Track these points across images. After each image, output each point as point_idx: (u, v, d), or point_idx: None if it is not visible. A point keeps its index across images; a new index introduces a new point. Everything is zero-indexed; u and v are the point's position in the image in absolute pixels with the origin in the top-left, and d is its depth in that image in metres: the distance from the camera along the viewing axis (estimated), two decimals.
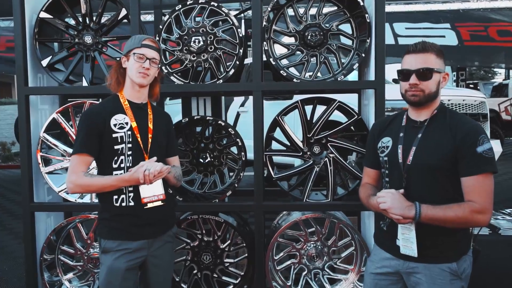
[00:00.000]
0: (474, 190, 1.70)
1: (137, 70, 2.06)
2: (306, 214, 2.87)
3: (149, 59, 2.08)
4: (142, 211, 2.06)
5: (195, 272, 3.00)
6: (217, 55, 2.82)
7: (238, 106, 6.43)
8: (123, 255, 2.04)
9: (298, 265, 2.95)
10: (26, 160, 2.85)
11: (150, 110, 2.20)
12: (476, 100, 5.38)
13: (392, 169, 1.88)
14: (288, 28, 2.85)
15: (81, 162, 2.02)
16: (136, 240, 2.06)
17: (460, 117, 1.84)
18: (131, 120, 2.09)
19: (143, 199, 2.05)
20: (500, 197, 6.48)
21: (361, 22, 2.80)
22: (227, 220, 2.94)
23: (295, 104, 2.83)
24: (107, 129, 2.04)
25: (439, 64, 1.81)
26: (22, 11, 2.81)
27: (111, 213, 2.07)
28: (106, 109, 2.09)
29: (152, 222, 2.09)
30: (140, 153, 2.08)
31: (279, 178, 2.90)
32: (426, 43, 1.82)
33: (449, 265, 1.78)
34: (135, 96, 2.14)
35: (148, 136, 2.12)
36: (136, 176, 1.96)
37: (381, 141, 1.96)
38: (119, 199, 2.05)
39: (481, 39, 11.12)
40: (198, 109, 3.27)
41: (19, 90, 2.82)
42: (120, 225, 2.06)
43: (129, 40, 2.16)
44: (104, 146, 2.05)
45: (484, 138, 1.73)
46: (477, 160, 1.70)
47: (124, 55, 2.11)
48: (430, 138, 1.80)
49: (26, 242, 2.92)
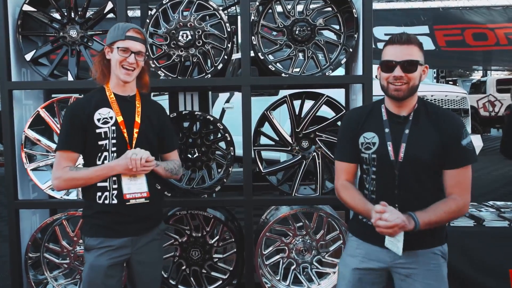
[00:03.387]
0: (457, 183, 1.74)
1: (122, 65, 1.96)
2: (295, 208, 2.89)
3: (135, 53, 1.96)
4: (125, 208, 1.99)
5: (184, 268, 2.98)
6: (205, 50, 2.80)
7: (223, 102, 6.42)
8: (106, 252, 1.98)
9: (287, 259, 2.96)
10: (9, 157, 2.79)
11: (139, 102, 2.09)
12: (458, 96, 5.49)
13: (382, 166, 1.83)
14: (276, 23, 2.85)
15: (65, 158, 1.96)
16: (119, 237, 2.00)
17: (442, 111, 1.85)
18: (116, 114, 2.00)
19: (125, 195, 1.97)
20: (481, 191, 6.65)
21: (348, 17, 2.82)
22: (216, 215, 2.94)
23: (284, 99, 2.84)
24: (91, 124, 1.97)
25: (421, 57, 1.77)
26: (5, 3, 2.73)
27: (93, 210, 2.01)
28: (90, 103, 2.00)
29: (135, 220, 2.03)
30: (125, 148, 1.99)
31: (268, 172, 2.91)
32: (410, 35, 1.78)
33: (440, 248, 1.83)
34: (121, 89, 2.05)
35: (133, 130, 2.02)
36: (123, 162, 1.90)
37: (363, 137, 1.88)
38: (102, 196, 1.99)
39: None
40: (186, 104, 3.24)
41: (2, 85, 2.75)
42: (102, 222, 2.00)
43: (111, 28, 2.02)
44: (88, 142, 1.99)
45: (466, 131, 1.77)
46: (463, 153, 1.74)
47: (108, 46, 2.00)
48: (418, 134, 1.79)
49: (11, 241, 2.85)
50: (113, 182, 1.99)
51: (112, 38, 1.98)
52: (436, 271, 1.80)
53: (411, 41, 1.75)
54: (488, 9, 12.43)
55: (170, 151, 2.23)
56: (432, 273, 1.80)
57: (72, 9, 2.83)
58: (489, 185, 7.27)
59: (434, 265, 1.81)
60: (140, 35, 2.00)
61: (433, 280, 1.79)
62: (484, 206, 3.23)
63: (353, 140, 1.91)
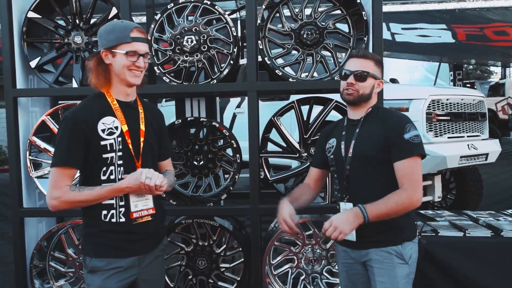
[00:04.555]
0: (404, 174, 1.84)
1: (129, 68, 1.77)
2: (304, 217, 2.81)
3: (143, 55, 1.79)
4: (133, 226, 1.83)
5: (190, 277, 2.93)
6: (211, 55, 2.75)
7: (235, 107, 6.36)
8: (114, 274, 1.80)
9: (296, 269, 2.88)
10: (15, 164, 2.78)
11: (141, 108, 1.90)
12: (474, 99, 5.29)
13: (338, 164, 2.03)
14: (284, 27, 2.78)
15: (64, 176, 1.74)
16: (127, 257, 1.83)
17: (391, 112, 2.04)
18: (121, 123, 1.80)
19: (132, 214, 1.81)
20: (499, 197, 6.45)
21: (357, 20, 2.74)
22: (223, 224, 2.87)
23: (291, 104, 2.77)
24: (95, 136, 1.76)
25: (375, 71, 1.98)
26: (10, 10, 2.74)
27: (99, 229, 1.82)
28: (92, 112, 1.78)
29: (143, 237, 1.87)
30: (131, 161, 1.82)
31: (275, 180, 2.83)
32: (367, 52, 2.07)
33: (394, 248, 1.89)
34: (124, 94, 1.84)
35: (140, 140, 1.84)
36: (134, 185, 1.73)
37: (328, 143, 2.11)
38: (108, 214, 1.80)
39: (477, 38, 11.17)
40: (192, 110, 3.19)
41: (7, 92, 2.74)
42: (109, 242, 1.81)
43: (109, 29, 1.79)
44: (90, 155, 1.77)
45: (410, 126, 1.90)
46: (405, 146, 1.86)
47: (106, 49, 1.77)
48: (365, 132, 1.97)
49: (16, 249, 2.84)
50: (120, 199, 1.81)
51: (114, 41, 1.76)
52: (389, 270, 1.88)
53: (367, 56, 1.98)
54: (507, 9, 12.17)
55: (165, 159, 2.05)
56: (385, 272, 1.89)
57: (76, 16, 2.81)
58: (509, 190, 7.05)
59: (388, 264, 1.89)
60: (143, 34, 1.82)
61: (386, 279, 1.89)
62: (503, 214, 3.09)
63: (321, 148, 2.17)
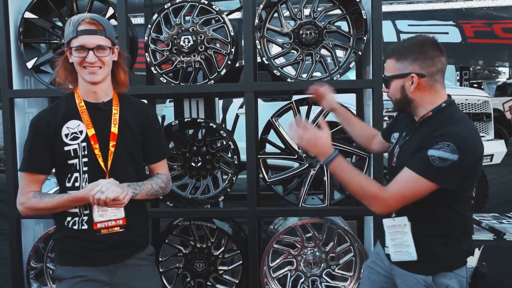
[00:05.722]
0: (396, 180, 1.57)
1: (82, 65, 1.64)
2: (303, 219, 2.76)
3: (93, 49, 1.62)
4: (96, 236, 1.69)
5: (188, 280, 2.89)
6: (208, 55, 2.72)
7: (237, 108, 6.33)
8: (79, 283, 1.68)
9: (295, 272, 2.83)
10: (11, 166, 2.76)
11: (117, 108, 1.75)
12: (479, 100, 5.24)
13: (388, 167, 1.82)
14: (282, 27, 2.74)
15: (30, 182, 1.69)
16: (92, 266, 1.70)
17: (451, 121, 1.58)
18: (87, 127, 1.69)
19: (95, 224, 1.67)
20: (505, 198, 6.36)
21: (357, 19, 2.69)
22: (221, 226, 2.84)
23: (289, 105, 2.73)
24: (58, 141, 1.68)
25: (397, 68, 1.64)
26: (6, 10, 2.71)
27: (63, 234, 1.73)
28: (57, 115, 1.70)
29: (110, 246, 1.71)
30: (98, 168, 1.69)
31: (273, 182, 2.79)
32: (391, 47, 1.69)
33: (425, 278, 1.63)
34: (92, 94, 1.71)
35: (109, 144, 1.71)
36: (87, 197, 1.59)
37: (393, 136, 1.86)
38: (71, 221, 1.71)
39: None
40: (191, 111, 3.16)
41: (3, 93, 2.73)
42: (71, 249, 1.71)
43: (66, 24, 1.68)
44: (57, 161, 1.70)
45: (447, 146, 1.48)
46: (421, 160, 1.52)
47: (66, 47, 1.66)
48: (412, 142, 1.65)
49: (12, 251, 2.82)
50: (84, 208, 1.70)
51: (66, 37, 1.65)
52: None
53: (387, 55, 1.71)
54: None
55: (155, 162, 1.87)
56: None
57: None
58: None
59: None
60: (95, 25, 1.63)
61: None
62: (506, 217, 3.03)
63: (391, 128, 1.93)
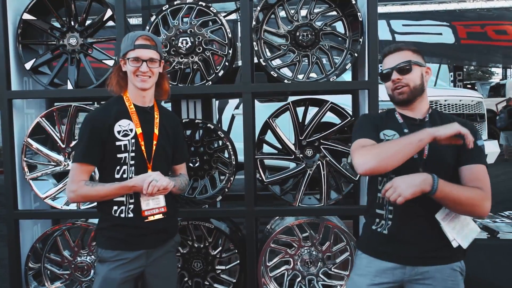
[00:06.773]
0: (476, 178, 1.67)
1: (135, 74, 1.94)
2: (300, 219, 2.79)
3: (146, 61, 1.93)
4: (142, 223, 1.97)
5: (186, 279, 2.91)
6: (206, 56, 2.74)
7: (233, 108, 6.35)
8: (120, 265, 1.95)
9: (292, 271, 2.86)
10: (9, 166, 2.76)
11: (157, 113, 2.07)
12: (473, 100, 5.31)
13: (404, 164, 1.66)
14: (279, 28, 2.77)
15: (82, 171, 1.93)
16: (135, 250, 1.97)
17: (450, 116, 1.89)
18: (136, 126, 1.97)
19: (143, 212, 1.96)
20: (499, 198, 6.42)
21: (353, 21, 2.73)
22: (218, 226, 2.86)
23: (286, 106, 2.75)
24: (111, 137, 1.94)
25: (416, 58, 1.82)
26: (4, 12, 2.72)
27: (110, 223, 1.99)
28: (110, 114, 1.97)
29: (152, 232, 2.01)
30: (143, 162, 1.98)
31: (270, 182, 2.82)
32: (399, 44, 1.89)
33: (459, 264, 1.75)
34: (141, 99, 2.02)
35: (152, 143, 2.00)
36: (141, 185, 1.88)
37: (382, 133, 1.83)
38: (118, 210, 1.97)
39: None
40: (188, 112, 3.18)
41: (1, 94, 2.73)
42: (118, 235, 1.97)
43: (124, 39, 2.00)
44: (106, 154, 1.95)
45: (480, 134, 1.77)
46: (478, 152, 1.71)
47: (121, 58, 1.99)
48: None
49: (10, 251, 2.83)
50: (130, 197, 1.97)
51: (123, 50, 1.97)
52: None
53: (401, 48, 1.84)
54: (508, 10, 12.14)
55: (179, 163, 2.20)
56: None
57: (72, 17, 2.80)
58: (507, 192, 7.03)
59: (452, 283, 1.72)
60: (150, 41, 1.96)
61: None
62: (500, 216, 3.07)
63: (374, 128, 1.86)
